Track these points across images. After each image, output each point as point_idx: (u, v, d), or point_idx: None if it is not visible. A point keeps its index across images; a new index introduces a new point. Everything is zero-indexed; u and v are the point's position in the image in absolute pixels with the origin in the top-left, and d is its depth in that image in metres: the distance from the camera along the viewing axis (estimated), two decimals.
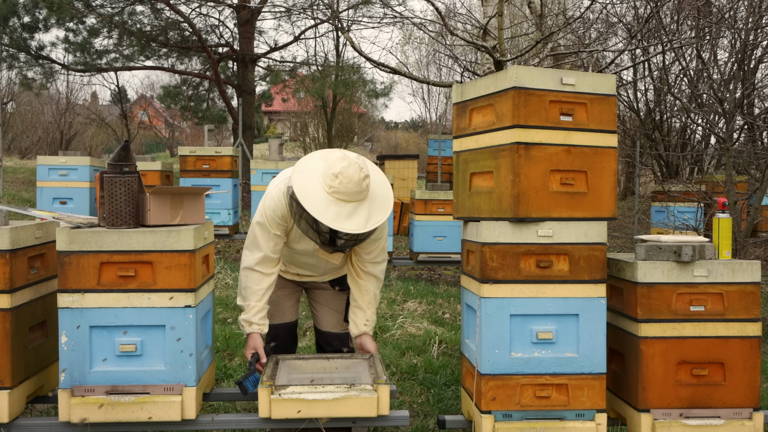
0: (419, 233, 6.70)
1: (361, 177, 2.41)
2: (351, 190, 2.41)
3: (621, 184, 14.18)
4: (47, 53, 12.37)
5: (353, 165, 2.41)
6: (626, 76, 10.68)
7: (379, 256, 2.79)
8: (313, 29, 13.31)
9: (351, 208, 2.42)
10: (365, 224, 2.43)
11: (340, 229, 2.40)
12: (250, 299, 2.64)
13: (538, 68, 2.52)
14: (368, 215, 2.45)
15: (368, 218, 2.44)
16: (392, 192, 2.62)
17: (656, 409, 2.46)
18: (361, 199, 2.45)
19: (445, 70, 21.81)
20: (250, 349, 2.66)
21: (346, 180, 2.40)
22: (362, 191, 2.44)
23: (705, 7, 6.93)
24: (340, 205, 2.41)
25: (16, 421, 2.45)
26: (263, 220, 2.63)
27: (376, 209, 2.49)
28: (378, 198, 2.52)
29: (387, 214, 2.52)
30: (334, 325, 2.98)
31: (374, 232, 2.64)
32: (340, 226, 2.39)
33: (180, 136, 24.18)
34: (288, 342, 2.98)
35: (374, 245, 2.75)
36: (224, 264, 6.79)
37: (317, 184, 2.44)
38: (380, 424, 2.44)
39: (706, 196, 6.41)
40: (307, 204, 2.39)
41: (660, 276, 2.46)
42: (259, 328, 2.66)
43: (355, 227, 2.40)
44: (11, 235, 2.42)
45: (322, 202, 2.40)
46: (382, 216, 2.49)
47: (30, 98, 17.55)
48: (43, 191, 6.89)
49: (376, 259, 2.80)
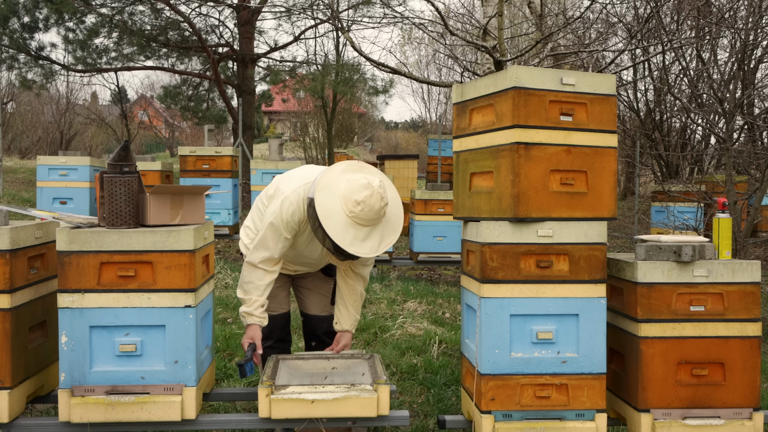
0: (419, 233, 6.69)
1: (382, 206, 2.57)
2: (370, 218, 2.56)
3: (621, 184, 14.18)
4: (47, 53, 12.37)
5: (375, 195, 2.55)
6: (626, 76, 10.69)
7: (369, 260, 2.95)
8: (313, 29, 13.30)
9: (367, 232, 2.58)
10: (377, 247, 2.61)
11: (355, 254, 2.57)
12: (252, 293, 2.71)
13: (538, 68, 2.52)
14: (381, 238, 2.63)
15: (381, 241, 2.63)
16: (402, 211, 2.78)
17: (656, 409, 2.46)
18: (377, 223, 2.61)
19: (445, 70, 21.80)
20: (248, 338, 2.71)
21: (367, 209, 2.54)
22: (380, 218, 2.61)
23: (705, 7, 6.93)
24: (357, 228, 2.56)
25: (16, 421, 2.45)
26: (278, 223, 2.67)
27: (389, 231, 2.66)
28: (391, 219, 2.69)
29: (397, 236, 2.70)
30: (322, 309, 3.07)
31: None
32: (355, 251, 2.56)
33: (180, 136, 24.17)
34: (284, 333, 3.05)
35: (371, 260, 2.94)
36: (224, 264, 6.79)
37: (338, 205, 2.56)
38: (380, 424, 2.44)
39: (706, 196, 6.41)
40: (327, 226, 2.53)
41: (660, 276, 2.46)
42: (260, 320, 2.73)
43: (368, 251, 2.59)
44: (11, 235, 2.42)
45: (341, 225, 2.54)
46: (393, 238, 2.67)
47: (30, 98, 17.54)
48: (43, 191, 6.89)
49: (366, 263, 2.95)
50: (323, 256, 2.86)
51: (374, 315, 5.01)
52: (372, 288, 5.88)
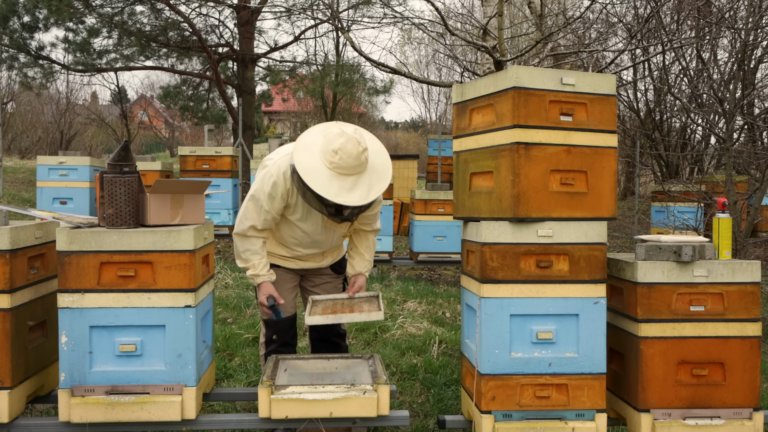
0: (419, 233, 6.69)
1: (360, 151, 2.53)
2: (351, 164, 2.52)
3: (621, 184, 14.18)
4: (47, 53, 12.37)
5: (351, 140, 2.53)
6: (626, 76, 10.69)
7: (376, 223, 2.98)
8: (313, 29, 13.31)
9: (352, 182, 2.54)
10: (367, 195, 2.56)
11: (344, 203, 2.53)
12: (252, 259, 2.75)
13: (538, 68, 2.52)
14: (369, 187, 2.58)
15: (369, 189, 2.57)
16: (390, 160, 2.73)
17: (656, 409, 2.46)
18: (361, 171, 2.57)
19: (445, 70, 21.80)
20: (264, 294, 2.76)
21: (345, 155, 2.51)
22: (362, 164, 2.56)
23: (705, 7, 6.93)
24: (342, 179, 2.53)
25: (16, 421, 2.45)
26: (259, 195, 2.70)
27: (377, 179, 2.61)
28: (377, 168, 2.64)
29: (387, 183, 2.65)
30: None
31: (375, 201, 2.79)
32: (343, 200, 2.52)
33: (180, 136, 24.18)
34: (289, 336, 3.01)
35: (373, 216, 2.92)
36: (224, 264, 6.79)
37: (318, 160, 2.56)
38: (380, 424, 2.44)
39: (706, 196, 6.41)
40: (310, 181, 2.51)
41: (660, 276, 2.46)
42: (268, 277, 2.78)
43: (357, 200, 2.54)
44: (11, 235, 2.42)
45: (324, 178, 2.52)
46: (382, 186, 2.62)
47: (30, 98, 17.54)
48: (43, 191, 6.89)
49: (374, 226, 2.98)
50: (325, 228, 2.82)
51: None
52: (372, 288, 5.88)
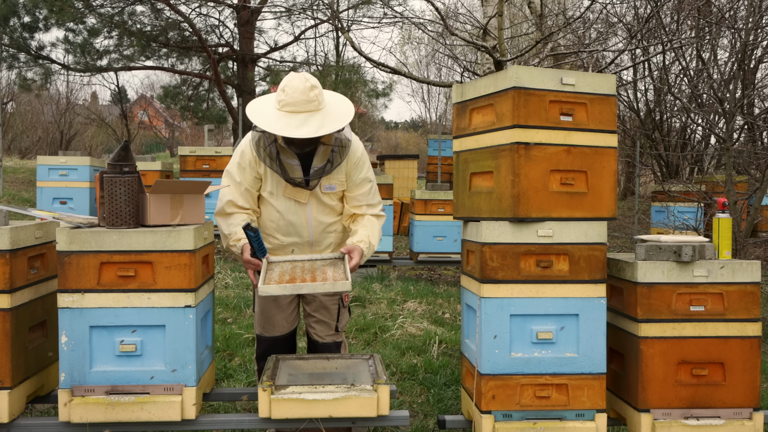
0: (419, 233, 6.69)
1: (307, 86, 2.47)
2: (298, 99, 2.46)
3: (621, 184, 14.18)
4: (47, 53, 12.38)
5: (299, 76, 2.49)
6: (626, 76, 10.68)
7: (373, 198, 2.79)
8: (313, 29, 13.33)
9: (302, 119, 2.47)
10: (316, 130, 2.44)
11: (289, 135, 2.43)
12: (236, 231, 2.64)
13: (538, 68, 2.52)
14: (320, 124, 2.47)
15: (320, 126, 2.46)
16: (352, 108, 2.63)
17: (656, 409, 2.46)
18: (312, 110, 2.49)
19: (445, 70, 21.82)
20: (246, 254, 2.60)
21: (291, 90, 2.46)
22: (310, 101, 2.47)
23: (705, 7, 6.93)
24: (291, 116, 2.47)
25: (16, 421, 2.45)
26: (230, 168, 2.71)
27: (330, 119, 2.51)
28: (336, 112, 2.55)
29: (341, 123, 2.53)
30: (324, 335, 2.87)
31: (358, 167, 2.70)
32: (290, 133, 2.43)
33: (180, 136, 24.18)
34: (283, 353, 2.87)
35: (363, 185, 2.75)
36: (224, 264, 6.79)
37: (269, 104, 2.53)
38: (380, 424, 2.44)
39: (706, 196, 6.41)
40: (259, 120, 2.46)
41: (660, 276, 2.46)
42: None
43: (304, 133, 2.43)
44: (11, 235, 2.42)
45: (273, 116, 2.48)
46: (335, 125, 2.50)
47: (30, 98, 17.54)
48: (43, 191, 6.89)
49: (371, 201, 2.78)
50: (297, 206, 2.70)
51: (374, 315, 5.01)
52: (372, 288, 5.88)
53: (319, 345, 2.88)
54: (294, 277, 2.48)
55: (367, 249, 2.67)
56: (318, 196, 2.73)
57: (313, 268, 2.59)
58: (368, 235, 2.70)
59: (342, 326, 2.91)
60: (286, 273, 2.53)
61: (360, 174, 2.75)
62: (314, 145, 2.61)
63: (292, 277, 2.48)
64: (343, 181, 2.74)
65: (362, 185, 2.77)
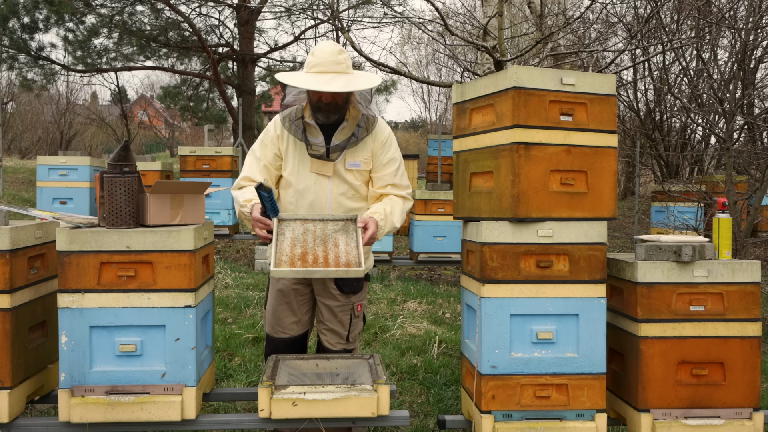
0: (419, 233, 6.70)
1: (336, 50, 2.57)
2: (327, 60, 2.54)
3: (621, 184, 14.18)
4: (47, 54, 12.38)
5: (329, 42, 2.61)
6: (626, 76, 10.68)
7: (400, 180, 2.76)
8: (313, 29, 13.32)
9: (330, 77, 2.53)
10: (344, 86, 2.50)
11: (317, 89, 2.50)
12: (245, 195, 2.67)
13: (538, 68, 2.52)
14: (347, 82, 2.53)
15: (347, 84, 2.52)
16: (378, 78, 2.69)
17: (656, 409, 2.46)
18: (340, 71, 2.56)
19: (445, 70, 21.82)
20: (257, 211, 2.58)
21: (320, 52, 2.57)
22: (339, 62, 2.56)
23: (705, 7, 6.93)
24: (319, 76, 2.54)
25: (16, 421, 2.45)
26: (254, 146, 2.79)
27: (357, 80, 2.58)
28: (362, 77, 2.62)
29: (367, 84, 2.59)
30: (335, 342, 2.81)
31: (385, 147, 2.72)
32: (318, 86, 2.49)
33: (180, 136, 24.19)
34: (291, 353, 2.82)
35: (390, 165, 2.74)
36: (224, 264, 6.80)
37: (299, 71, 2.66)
38: (380, 424, 2.44)
39: (706, 196, 6.41)
40: (289, 79, 2.57)
41: (660, 276, 2.46)
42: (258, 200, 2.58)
43: (332, 87, 2.49)
44: (11, 235, 2.42)
45: (302, 76, 2.58)
46: (362, 84, 2.56)
47: (30, 98, 17.56)
48: (43, 191, 6.89)
49: (397, 182, 2.75)
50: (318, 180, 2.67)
51: (374, 315, 5.01)
52: (372, 288, 5.88)
53: (328, 352, 2.83)
54: (305, 250, 2.43)
55: (383, 221, 2.60)
56: (341, 174, 2.69)
57: (324, 235, 2.52)
58: (384, 208, 2.65)
59: (354, 336, 2.83)
60: (298, 241, 2.47)
61: (387, 154, 2.74)
62: (341, 115, 2.65)
63: (304, 250, 2.43)
64: (368, 159, 2.72)
65: (389, 165, 2.74)
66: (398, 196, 2.75)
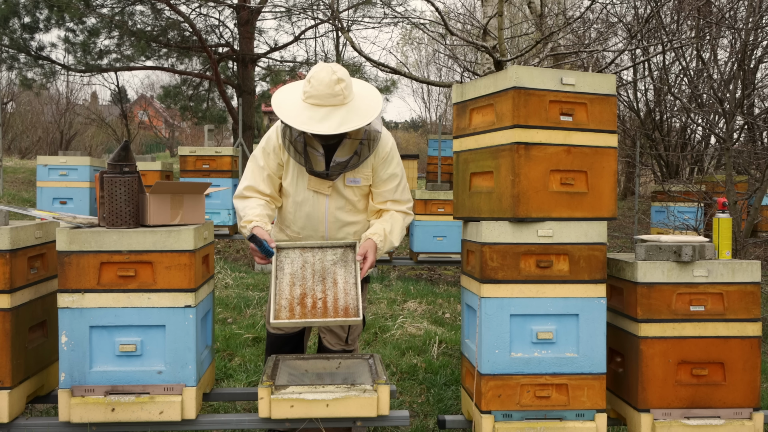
0: (419, 233, 6.70)
1: (333, 79, 2.41)
2: (323, 93, 2.40)
3: (621, 184, 14.18)
4: (47, 54, 12.38)
5: (326, 68, 2.43)
6: (626, 76, 10.68)
7: (401, 195, 2.70)
8: (313, 29, 13.32)
9: (325, 113, 2.41)
10: (337, 127, 2.38)
11: (309, 131, 2.39)
12: (248, 213, 2.61)
13: (538, 68, 2.52)
14: (342, 120, 2.41)
15: (341, 122, 2.40)
16: (380, 103, 2.55)
17: (656, 409, 2.46)
18: (336, 104, 2.42)
19: (445, 70, 21.82)
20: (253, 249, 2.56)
21: (317, 82, 2.41)
22: (335, 95, 2.41)
23: (705, 7, 6.93)
24: (314, 110, 2.42)
25: (16, 421, 2.45)
26: (256, 153, 2.70)
27: (354, 115, 2.44)
28: (361, 107, 2.48)
29: (364, 121, 2.45)
30: (334, 343, 2.84)
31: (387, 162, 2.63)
32: (311, 128, 2.38)
33: (180, 136, 24.20)
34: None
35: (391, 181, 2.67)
36: (224, 264, 6.80)
37: (295, 95, 2.49)
38: (380, 424, 2.44)
39: (706, 196, 6.41)
40: (281, 113, 2.42)
41: (660, 276, 2.46)
42: (259, 221, 2.58)
43: (325, 129, 2.38)
44: (11, 235, 2.42)
45: (296, 109, 2.43)
46: (358, 122, 2.42)
47: (30, 98, 17.55)
48: (43, 191, 6.89)
49: (397, 197, 2.70)
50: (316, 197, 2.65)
51: (374, 315, 5.01)
52: (372, 288, 5.88)
53: (328, 352, 2.85)
54: (304, 292, 2.47)
55: (382, 242, 2.58)
56: (339, 190, 2.65)
57: (323, 269, 2.53)
58: (384, 228, 2.61)
59: (353, 338, 2.83)
60: (297, 279, 2.49)
61: (388, 169, 2.67)
62: (341, 138, 2.54)
63: (303, 292, 2.47)
64: (369, 175, 2.66)
65: (389, 181, 2.69)
66: (399, 211, 2.72)
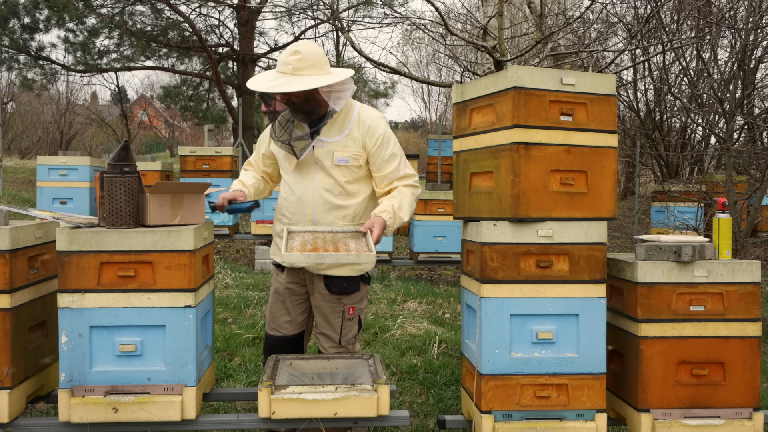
0: (419, 233, 6.70)
1: (291, 50, 2.61)
2: (280, 61, 2.63)
3: (621, 184, 14.18)
4: (47, 54, 12.38)
5: (299, 42, 2.67)
6: (626, 76, 10.67)
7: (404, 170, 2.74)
8: (313, 29, 13.33)
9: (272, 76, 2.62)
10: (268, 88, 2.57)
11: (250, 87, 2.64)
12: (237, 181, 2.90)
13: (538, 68, 2.52)
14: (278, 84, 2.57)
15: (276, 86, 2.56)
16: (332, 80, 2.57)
17: (656, 409, 2.46)
18: (286, 72, 2.59)
19: (445, 70, 21.80)
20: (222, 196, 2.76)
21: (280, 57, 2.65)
22: (287, 63, 2.59)
23: (705, 7, 6.93)
24: (269, 74, 2.66)
25: (16, 421, 2.45)
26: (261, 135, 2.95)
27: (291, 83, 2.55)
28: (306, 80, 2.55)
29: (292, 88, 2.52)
30: (328, 347, 2.80)
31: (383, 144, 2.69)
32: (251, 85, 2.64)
33: (180, 136, 24.19)
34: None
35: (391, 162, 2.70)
36: (224, 264, 6.80)
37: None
38: (380, 424, 2.44)
39: (706, 196, 6.41)
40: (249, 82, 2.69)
41: (660, 276, 2.46)
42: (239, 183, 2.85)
43: (261, 88, 2.59)
44: (11, 235, 2.42)
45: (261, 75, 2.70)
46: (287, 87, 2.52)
47: (30, 98, 17.55)
48: (43, 191, 6.89)
49: (401, 174, 2.73)
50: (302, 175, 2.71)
51: (374, 315, 5.01)
52: (372, 288, 5.88)
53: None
54: (316, 246, 2.44)
55: (391, 219, 2.61)
56: (327, 170, 2.67)
57: (334, 239, 2.52)
58: (392, 204, 2.64)
59: (347, 340, 2.78)
60: (308, 243, 2.48)
61: (387, 150, 2.70)
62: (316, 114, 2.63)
63: (314, 246, 2.44)
64: (358, 155, 2.66)
65: (390, 162, 2.71)
66: (406, 185, 2.74)
